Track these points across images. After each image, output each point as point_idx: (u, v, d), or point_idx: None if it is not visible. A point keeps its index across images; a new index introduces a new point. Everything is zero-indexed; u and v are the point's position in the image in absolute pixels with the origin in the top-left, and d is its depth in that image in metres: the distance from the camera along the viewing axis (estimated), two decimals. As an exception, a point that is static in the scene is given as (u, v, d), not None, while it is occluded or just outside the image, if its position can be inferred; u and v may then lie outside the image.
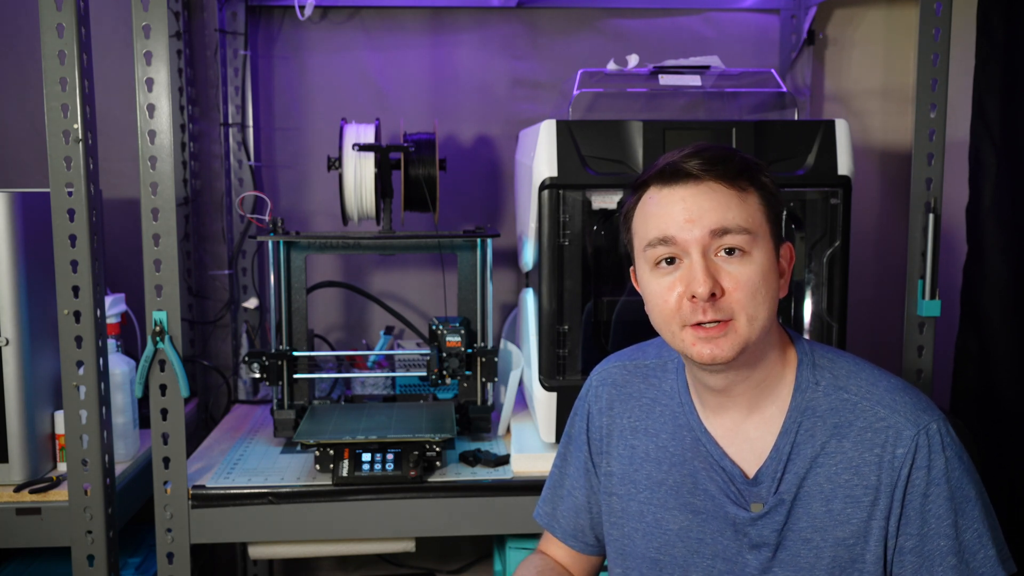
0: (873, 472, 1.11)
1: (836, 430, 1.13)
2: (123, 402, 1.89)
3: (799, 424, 1.15)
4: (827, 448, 1.13)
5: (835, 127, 1.77)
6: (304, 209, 2.44)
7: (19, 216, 1.72)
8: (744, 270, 1.09)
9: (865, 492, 1.11)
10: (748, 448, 1.17)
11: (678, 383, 1.25)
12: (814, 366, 1.17)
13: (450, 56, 2.41)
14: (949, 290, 2.26)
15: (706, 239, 1.09)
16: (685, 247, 1.10)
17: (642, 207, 1.16)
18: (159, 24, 1.59)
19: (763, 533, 1.15)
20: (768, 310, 1.10)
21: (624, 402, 1.29)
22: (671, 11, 2.43)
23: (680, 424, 1.22)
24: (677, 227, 1.10)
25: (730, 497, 1.17)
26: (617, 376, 1.32)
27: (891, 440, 1.10)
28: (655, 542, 1.23)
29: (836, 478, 1.12)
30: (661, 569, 1.22)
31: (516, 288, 2.48)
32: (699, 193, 1.10)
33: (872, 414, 1.12)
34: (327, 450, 1.79)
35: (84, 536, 1.66)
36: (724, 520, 1.17)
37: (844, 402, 1.14)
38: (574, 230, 1.76)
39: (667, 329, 1.13)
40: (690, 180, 1.11)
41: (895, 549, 1.11)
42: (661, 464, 1.23)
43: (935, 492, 1.09)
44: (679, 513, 1.21)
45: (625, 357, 1.34)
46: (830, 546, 1.12)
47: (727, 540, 1.18)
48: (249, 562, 2.47)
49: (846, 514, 1.12)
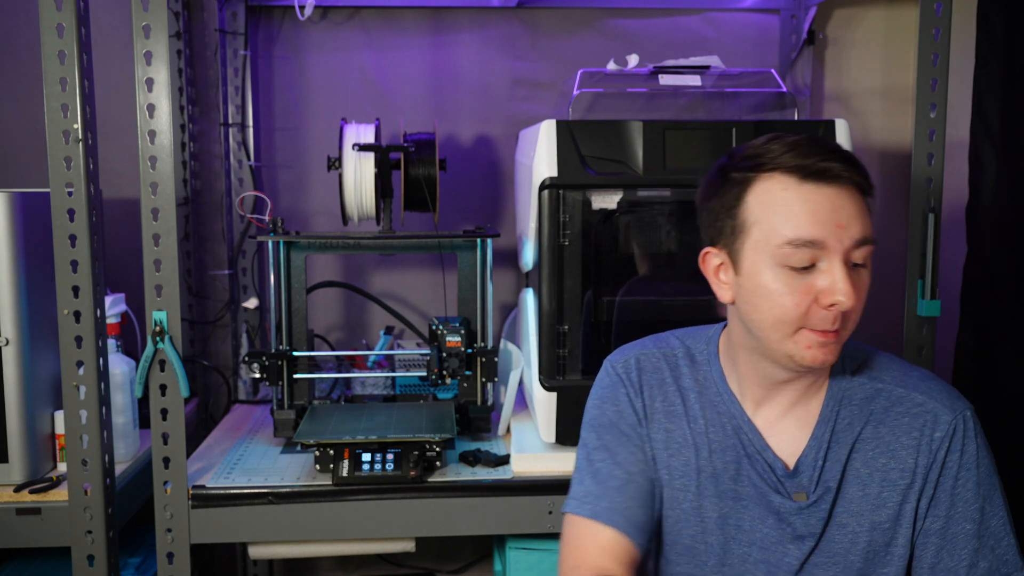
0: (911, 455, 1.14)
1: (872, 416, 1.16)
2: (123, 402, 1.89)
3: (836, 413, 1.17)
4: (864, 434, 1.16)
5: (835, 127, 1.77)
6: (304, 209, 2.44)
7: (19, 216, 1.72)
8: (863, 283, 1.09)
9: (902, 475, 1.14)
10: (788, 439, 1.19)
11: (712, 373, 1.24)
12: (845, 357, 1.19)
13: (450, 56, 2.41)
14: (949, 290, 2.26)
15: (850, 249, 1.06)
16: (831, 253, 1.06)
17: (770, 197, 1.07)
18: (159, 24, 1.59)
19: (809, 522, 1.16)
20: None
21: (656, 387, 1.26)
22: (671, 11, 2.43)
23: (720, 412, 1.22)
24: (827, 232, 1.05)
25: (771, 486, 1.18)
26: (644, 362, 1.28)
27: (929, 424, 1.14)
28: (691, 529, 1.22)
29: (873, 463, 1.15)
30: (696, 556, 1.22)
31: (516, 288, 2.48)
32: (845, 197, 1.06)
33: (909, 400, 1.16)
34: (327, 450, 1.79)
35: (84, 536, 1.66)
36: (767, 508, 1.18)
37: (879, 391, 1.17)
38: (574, 230, 1.76)
39: (778, 329, 1.09)
40: (835, 182, 1.06)
41: (920, 531, 1.14)
42: (700, 451, 1.21)
43: (965, 476, 1.13)
44: (718, 500, 1.20)
45: (648, 344, 1.30)
46: (866, 531, 1.15)
47: (767, 528, 1.18)
48: (249, 562, 2.47)
49: (883, 498, 1.15)
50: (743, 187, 1.10)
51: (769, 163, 1.08)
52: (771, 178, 1.08)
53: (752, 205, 1.09)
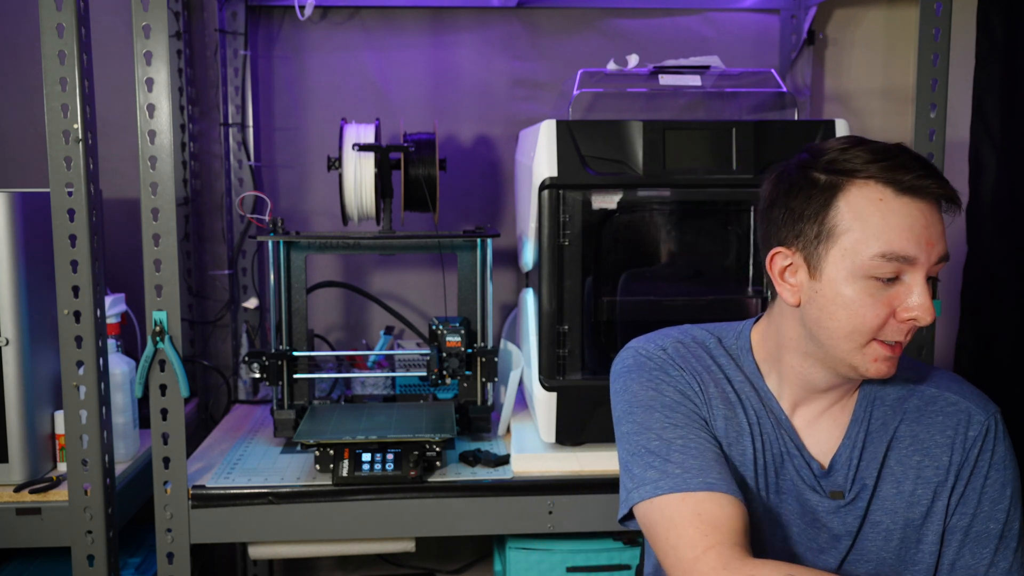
0: (945, 453, 1.16)
1: (906, 415, 1.19)
2: (123, 402, 1.89)
3: (870, 413, 1.19)
4: (899, 433, 1.18)
5: (835, 127, 1.77)
6: (304, 209, 2.44)
7: (19, 216, 1.72)
8: (932, 299, 1.08)
9: (936, 473, 1.16)
10: (823, 439, 1.20)
11: (747, 369, 1.21)
12: None
13: (450, 56, 2.41)
14: (949, 290, 2.26)
15: (933, 265, 1.06)
16: (917, 268, 1.06)
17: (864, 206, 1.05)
18: (159, 24, 1.59)
19: (846, 520, 1.17)
20: None
21: (704, 373, 1.20)
22: (671, 11, 2.43)
23: (759, 407, 1.21)
24: (919, 248, 1.04)
25: (808, 483, 1.19)
26: (684, 349, 1.22)
27: (963, 422, 1.17)
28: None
29: (907, 460, 1.17)
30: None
31: (516, 288, 2.48)
32: (935, 214, 1.06)
33: (943, 399, 1.19)
34: (327, 450, 1.79)
35: (84, 536, 1.66)
36: (804, 506, 1.19)
37: (911, 391, 1.20)
38: (574, 230, 1.76)
39: (850, 339, 1.08)
40: (928, 198, 1.05)
41: (947, 528, 1.16)
42: (756, 441, 1.19)
43: (994, 476, 1.16)
44: (767, 494, 1.20)
45: (673, 334, 1.25)
46: (900, 528, 1.16)
47: (804, 525, 1.19)
48: (249, 562, 2.47)
49: (916, 495, 1.16)
50: (834, 192, 1.07)
51: (863, 170, 1.05)
52: (866, 186, 1.05)
53: (844, 212, 1.06)
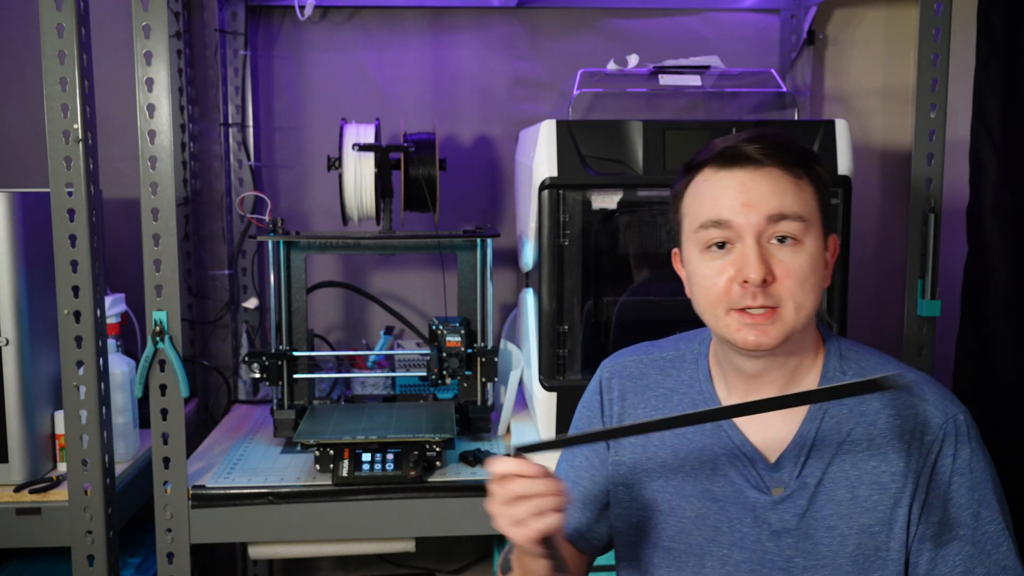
0: (901, 459, 1.12)
1: (863, 418, 1.15)
2: (123, 402, 1.89)
3: (824, 412, 1.16)
4: (853, 435, 1.14)
5: (835, 127, 1.77)
6: (304, 209, 2.44)
7: (19, 216, 1.72)
8: (796, 258, 1.09)
9: (892, 479, 1.13)
10: (773, 434, 1.18)
11: (698, 372, 1.25)
12: (841, 357, 1.19)
13: (450, 56, 2.41)
14: (949, 290, 2.26)
15: (762, 224, 1.08)
16: (740, 231, 1.09)
17: (695, 188, 1.14)
18: (159, 24, 1.59)
19: (784, 518, 1.15)
20: (814, 299, 1.11)
21: (639, 393, 1.28)
22: (671, 11, 2.43)
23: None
24: (733, 211, 1.09)
25: (750, 482, 1.17)
26: (632, 368, 1.31)
27: (919, 427, 1.13)
28: (669, 530, 1.22)
29: (862, 464, 1.14)
30: (675, 558, 1.22)
31: (516, 288, 2.48)
32: (758, 177, 1.10)
33: (900, 402, 1.14)
34: (327, 450, 1.79)
35: (84, 536, 1.66)
36: (744, 507, 1.17)
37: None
38: (574, 230, 1.76)
39: (711, 312, 1.13)
40: (749, 164, 1.10)
41: (915, 537, 1.13)
42: (678, 452, 1.22)
43: (958, 481, 1.11)
44: (696, 500, 1.20)
45: (639, 351, 1.33)
46: (855, 533, 1.13)
47: (746, 527, 1.17)
48: (249, 562, 2.47)
49: (872, 501, 1.13)
50: (683, 187, 1.17)
51: (703, 159, 1.14)
52: (700, 172, 1.14)
53: (685, 200, 1.16)
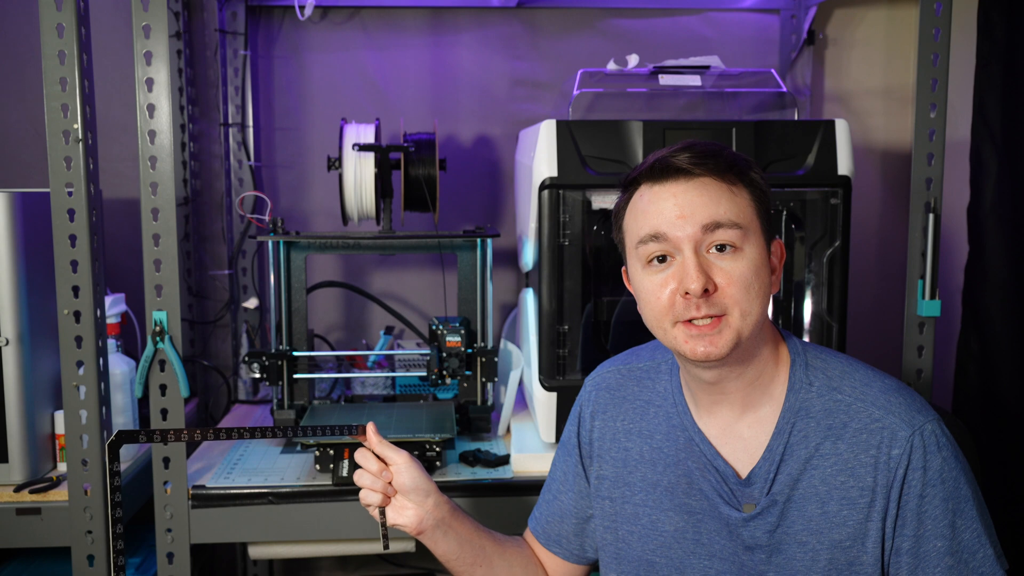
0: (869, 473, 1.10)
1: (830, 431, 1.13)
2: (123, 402, 1.89)
3: (792, 425, 1.14)
4: (821, 450, 1.12)
5: (835, 127, 1.77)
6: (304, 209, 2.44)
7: (19, 216, 1.72)
8: (736, 266, 1.09)
9: (861, 494, 1.11)
10: (742, 448, 1.17)
11: (671, 384, 1.25)
12: (807, 366, 1.17)
13: (450, 56, 2.41)
14: (950, 290, 2.26)
15: (698, 235, 1.08)
16: (677, 244, 1.09)
17: (632, 205, 1.15)
18: (159, 24, 1.59)
19: (755, 534, 1.14)
20: (761, 305, 1.10)
21: (618, 405, 1.29)
22: (671, 11, 2.43)
23: (674, 424, 1.22)
24: (669, 224, 1.09)
25: (723, 497, 1.17)
26: (611, 380, 1.32)
27: (886, 441, 1.10)
28: (650, 544, 1.23)
29: (831, 480, 1.12)
30: (656, 571, 1.22)
31: (516, 288, 2.48)
32: (690, 189, 1.10)
33: (867, 415, 1.12)
34: (327, 450, 1.79)
35: (84, 536, 1.66)
36: (719, 520, 1.17)
37: (838, 403, 1.14)
38: (574, 230, 1.76)
39: (659, 326, 1.13)
40: (680, 176, 1.10)
41: (892, 551, 1.11)
42: (656, 465, 1.23)
43: (931, 493, 1.09)
44: (674, 514, 1.21)
45: (619, 362, 1.34)
46: (826, 548, 1.12)
47: (723, 540, 1.17)
48: (249, 562, 2.47)
49: (842, 516, 1.11)
50: (623, 204, 1.18)
51: (636, 175, 1.15)
52: (637, 189, 1.15)
53: (626, 217, 1.17)
